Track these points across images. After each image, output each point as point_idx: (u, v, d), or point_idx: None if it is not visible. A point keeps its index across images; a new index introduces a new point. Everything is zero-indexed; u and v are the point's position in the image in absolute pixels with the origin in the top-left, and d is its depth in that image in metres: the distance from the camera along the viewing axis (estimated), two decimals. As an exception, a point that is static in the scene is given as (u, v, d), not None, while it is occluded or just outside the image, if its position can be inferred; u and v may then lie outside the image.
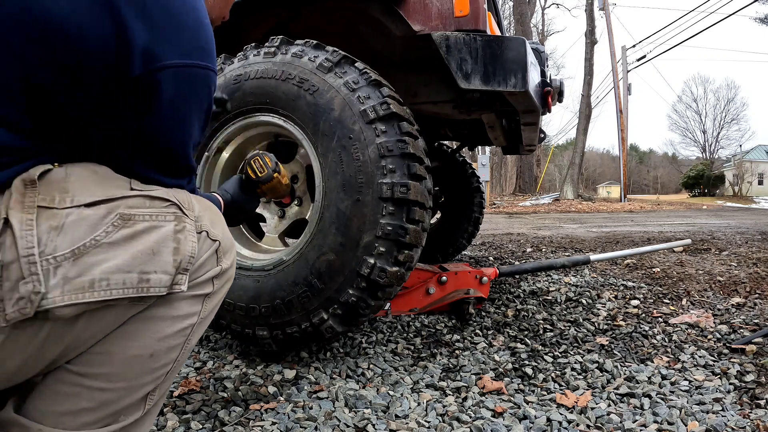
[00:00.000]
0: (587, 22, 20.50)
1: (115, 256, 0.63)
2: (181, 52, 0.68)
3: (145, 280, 0.65)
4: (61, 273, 0.59)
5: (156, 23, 0.66)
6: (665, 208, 13.58)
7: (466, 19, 1.56)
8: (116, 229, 0.64)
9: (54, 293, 0.59)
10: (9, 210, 0.59)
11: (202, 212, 0.75)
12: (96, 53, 0.63)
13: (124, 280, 0.63)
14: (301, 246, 1.43)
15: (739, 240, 4.59)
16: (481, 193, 3.46)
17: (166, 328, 0.70)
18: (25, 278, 0.57)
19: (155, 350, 0.70)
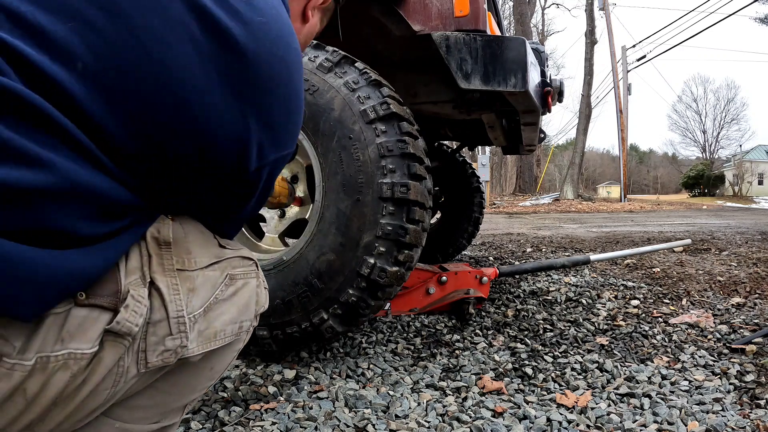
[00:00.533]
0: (587, 22, 20.51)
1: (228, 311, 0.74)
2: (282, 146, 0.76)
3: (240, 327, 0.77)
4: (197, 328, 0.70)
5: (273, 123, 0.72)
6: (665, 208, 13.58)
7: (466, 19, 1.56)
8: (227, 287, 0.75)
9: (192, 345, 0.69)
10: (153, 274, 0.65)
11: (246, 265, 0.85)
12: (227, 153, 0.69)
13: (232, 329, 0.75)
14: (301, 246, 1.43)
15: (739, 240, 4.59)
16: (481, 193, 3.46)
17: (227, 352, 0.80)
18: (173, 335, 0.66)
19: (215, 364, 0.79)
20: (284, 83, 0.72)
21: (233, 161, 0.69)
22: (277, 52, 0.69)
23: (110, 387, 0.64)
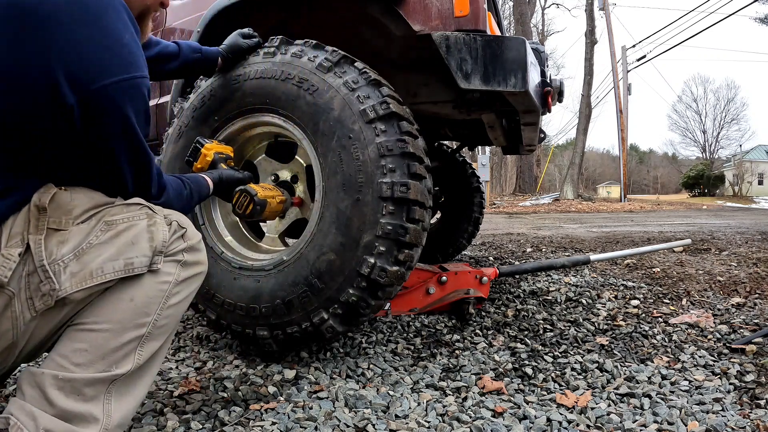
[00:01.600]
0: (587, 22, 20.50)
1: (105, 252, 0.85)
2: (105, 72, 0.83)
3: (130, 264, 0.86)
4: (69, 271, 0.83)
5: (81, 54, 0.81)
6: (665, 208, 13.57)
7: (466, 19, 1.56)
8: (104, 232, 0.87)
9: (65, 286, 0.82)
10: (29, 235, 0.83)
11: (173, 214, 0.98)
12: (36, 92, 0.80)
13: (113, 266, 0.85)
14: (301, 246, 1.43)
15: (739, 240, 4.59)
16: (481, 193, 3.46)
17: (145, 280, 0.89)
18: (43, 281, 0.81)
19: (135, 295, 0.87)
20: (87, 18, 0.82)
21: (47, 100, 0.79)
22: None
23: (11, 329, 0.81)
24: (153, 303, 0.90)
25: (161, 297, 0.91)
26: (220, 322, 1.54)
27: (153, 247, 0.89)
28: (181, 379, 1.40)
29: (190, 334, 1.85)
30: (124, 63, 0.86)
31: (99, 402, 0.84)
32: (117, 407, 0.87)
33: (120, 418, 0.87)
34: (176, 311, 0.95)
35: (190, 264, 0.97)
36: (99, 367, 0.84)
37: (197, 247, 0.99)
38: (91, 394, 0.84)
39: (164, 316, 0.92)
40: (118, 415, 0.86)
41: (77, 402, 0.82)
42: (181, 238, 0.96)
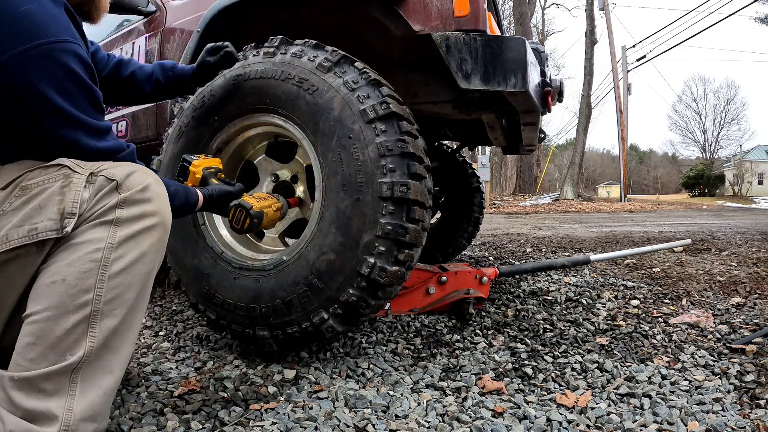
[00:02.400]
0: (587, 22, 20.49)
1: (12, 219, 0.82)
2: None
3: (34, 229, 0.81)
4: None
5: None
6: (665, 208, 13.57)
7: (466, 19, 1.56)
8: (17, 198, 0.83)
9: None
10: None
11: (107, 165, 0.89)
12: None
13: (17, 232, 0.81)
14: (301, 246, 1.43)
15: (739, 240, 4.59)
16: (481, 193, 3.46)
17: (71, 254, 0.82)
18: None
19: (66, 275, 0.81)
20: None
21: None
22: None
23: None
24: (88, 277, 0.81)
25: (96, 268, 0.82)
26: (220, 322, 1.54)
27: (60, 210, 0.82)
28: (181, 379, 1.40)
29: (190, 334, 1.85)
30: (24, 33, 0.83)
31: (62, 396, 0.79)
32: (80, 400, 0.80)
33: (83, 411, 0.81)
34: (127, 279, 0.85)
35: (130, 220, 0.86)
36: (51, 358, 0.79)
37: (138, 196, 0.87)
38: (51, 388, 0.79)
39: (111, 288, 0.83)
40: (80, 408, 0.80)
41: (39, 400, 0.78)
42: (114, 191, 0.86)
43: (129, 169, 0.89)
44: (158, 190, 0.91)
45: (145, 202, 0.88)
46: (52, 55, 0.84)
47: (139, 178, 0.89)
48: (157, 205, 0.90)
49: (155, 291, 2.63)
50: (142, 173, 0.91)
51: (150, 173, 0.94)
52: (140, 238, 0.87)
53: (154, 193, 0.90)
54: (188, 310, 2.19)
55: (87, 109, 0.92)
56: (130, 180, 0.87)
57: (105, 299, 0.82)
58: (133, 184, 0.87)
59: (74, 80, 0.88)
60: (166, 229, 0.92)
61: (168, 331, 1.92)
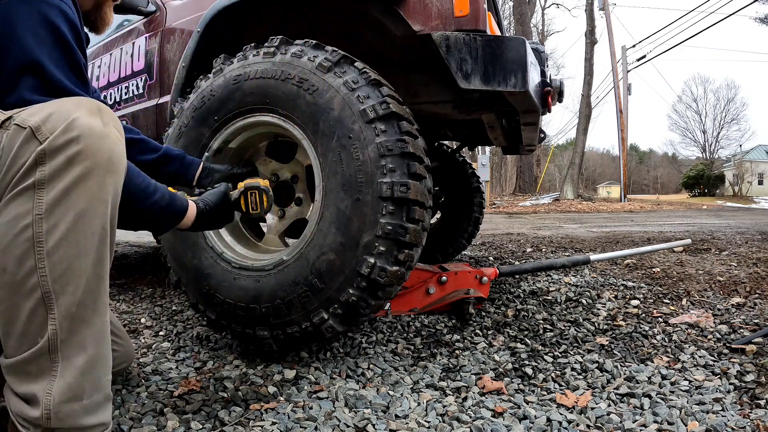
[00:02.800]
0: (587, 22, 20.49)
1: None
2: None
3: None
4: None
5: None
6: (665, 208, 13.57)
7: (466, 19, 1.56)
8: None
9: None
10: None
11: (32, 110, 0.73)
12: None
13: None
14: (301, 246, 1.43)
15: (739, 240, 4.59)
16: (481, 193, 3.46)
17: (2, 238, 0.70)
18: None
19: (5, 263, 0.71)
20: None
21: None
22: None
23: None
24: (26, 259, 0.71)
25: (30, 248, 0.71)
26: (220, 322, 1.54)
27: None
28: (181, 379, 1.40)
29: (190, 334, 1.85)
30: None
31: (45, 378, 0.75)
32: (59, 381, 0.75)
33: (62, 393, 0.75)
34: (71, 248, 0.73)
35: (55, 175, 0.70)
36: (26, 343, 0.74)
37: (60, 140, 0.71)
38: (35, 371, 0.75)
39: (55, 265, 0.72)
40: (58, 390, 0.75)
41: (27, 383, 0.76)
42: (31, 141, 0.70)
43: (54, 107, 0.73)
44: (87, 123, 0.73)
45: (70, 143, 0.71)
46: (37, 5, 0.82)
47: (62, 115, 0.72)
48: (87, 141, 0.72)
49: (155, 291, 2.63)
50: (71, 106, 0.73)
51: (84, 104, 0.75)
52: (73, 194, 0.72)
53: (83, 129, 0.72)
54: (188, 310, 2.19)
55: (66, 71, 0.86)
56: (50, 121, 0.71)
57: (52, 278, 0.73)
58: (55, 124, 0.71)
59: (56, 37, 0.84)
60: (106, 168, 0.74)
61: (168, 331, 1.92)
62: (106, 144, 0.74)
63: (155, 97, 2.24)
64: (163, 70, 2.19)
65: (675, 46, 24.99)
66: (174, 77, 1.95)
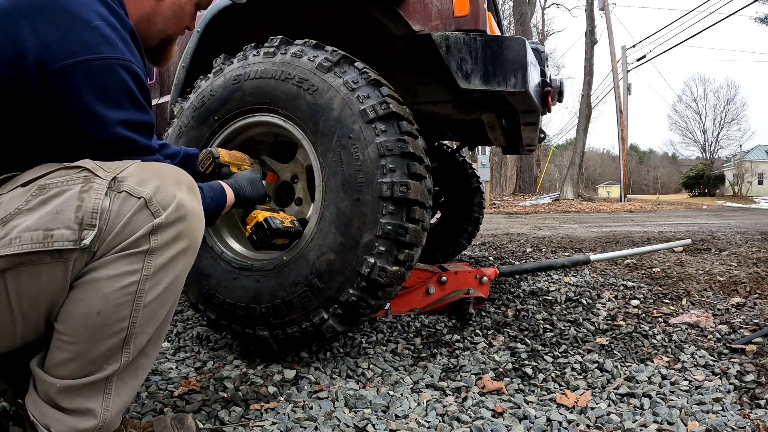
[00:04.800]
0: (587, 22, 20.50)
1: (28, 219, 0.77)
2: (66, 55, 0.82)
3: (50, 236, 0.77)
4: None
5: (47, 40, 0.82)
6: (665, 208, 13.57)
7: (466, 19, 1.56)
8: (34, 197, 0.79)
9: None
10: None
11: (131, 174, 0.83)
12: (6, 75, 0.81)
13: (31, 236, 0.76)
14: (301, 246, 1.43)
15: (739, 240, 4.59)
16: (481, 193, 3.46)
17: (105, 287, 0.80)
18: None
19: (101, 308, 0.80)
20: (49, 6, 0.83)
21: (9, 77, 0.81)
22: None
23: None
24: (123, 308, 0.82)
25: (131, 300, 0.82)
26: (220, 322, 1.54)
27: (79, 219, 0.77)
28: (181, 379, 1.40)
29: (190, 334, 1.85)
30: (91, 43, 0.84)
31: (99, 397, 0.85)
32: (116, 400, 0.87)
33: (118, 409, 0.88)
34: (161, 302, 0.86)
35: (165, 246, 0.83)
36: (89, 369, 0.84)
37: (173, 217, 0.83)
38: (90, 392, 0.85)
39: (146, 314, 0.84)
40: (116, 407, 0.88)
41: (80, 401, 0.85)
42: (143, 211, 0.81)
43: (156, 180, 0.83)
44: (190, 204, 0.86)
45: (179, 221, 0.84)
46: (113, 69, 0.86)
47: (169, 192, 0.83)
48: (191, 223, 0.86)
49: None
50: (171, 183, 0.85)
51: (178, 178, 0.88)
52: (174, 262, 0.85)
53: (188, 210, 0.86)
54: (188, 310, 2.19)
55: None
56: (159, 194, 0.82)
57: (140, 323, 0.84)
58: (165, 201, 0.82)
59: (127, 95, 0.88)
60: (198, 245, 0.90)
61: (168, 331, 1.92)
62: (201, 224, 0.90)
63: (155, 97, 2.24)
64: (163, 70, 2.19)
65: (675, 46, 25.01)
66: (174, 77, 1.95)
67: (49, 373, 0.84)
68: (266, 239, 1.34)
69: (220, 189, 1.19)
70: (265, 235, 1.33)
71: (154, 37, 1.11)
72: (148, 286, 0.83)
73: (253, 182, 1.34)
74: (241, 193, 1.27)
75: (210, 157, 1.35)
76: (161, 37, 1.12)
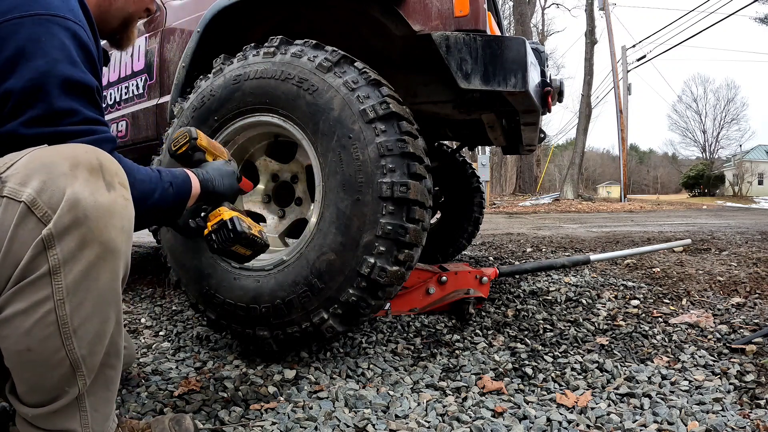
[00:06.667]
0: (587, 22, 20.49)
1: None
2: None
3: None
4: None
5: None
6: (665, 208, 13.57)
7: (466, 19, 1.56)
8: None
9: None
10: None
11: (17, 170, 0.67)
12: None
13: None
14: (301, 246, 1.43)
15: (739, 240, 4.58)
16: (481, 193, 3.46)
17: (22, 323, 0.69)
18: None
19: (29, 345, 0.71)
20: None
21: None
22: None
23: None
24: (51, 340, 0.71)
25: (56, 329, 0.71)
26: (220, 322, 1.54)
27: None
28: (181, 379, 1.40)
29: (190, 334, 1.85)
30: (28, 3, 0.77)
31: (76, 416, 0.80)
32: (95, 415, 0.82)
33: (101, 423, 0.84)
34: (96, 320, 0.75)
35: (72, 258, 0.68)
36: (52, 395, 0.78)
37: (67, 220, 0.66)
38: (66, 414, 0.80)
39: (84, 336, 0.74)
40: (98, 422, 0.83)
41: (59, 422, 0.80)
42: (30, 219, 0.65)
43: (42, 171, 0.66)
44: (90, 196, 0.68)
45: (78, 224, 0.68)
46: (48, 25, 0.78)
47: (58, 185, 0.66)
48: (96, 222, 0.69)
49: (155, 291, 2.63)
50: (61, 172, 0.67)
51: (74, 161, 0.69)
52: (93, 274, 0.71)
53: (86, 205, 0.68)
54: (188, 310, 2.19)
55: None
56: (46, 194, 0.65)
57: (80, 347, 0.74)
58: (53, 199, 0.66)
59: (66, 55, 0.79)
60: (118, 246, 0.73)
61: (168, 331, 1.92)
62: (113, 219, 0.71)
63: (155, 97, 2.24)
64: (163, 70, 2.19)
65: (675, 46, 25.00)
66: (174, 77, 1.95)
67: (21, 401, 0.79)
68: (227, 242, 1.12)
69: (183, 176, 1.03)
70: (227, 237, 1.11)
71: (116, 17, 1.07)
72: (69, 310, 0.71)
73: (224, 175, 1.17)
74: (209, 185, 1.09)
75: (186, 136, 1.17)
76: (122, 17, 1.09)
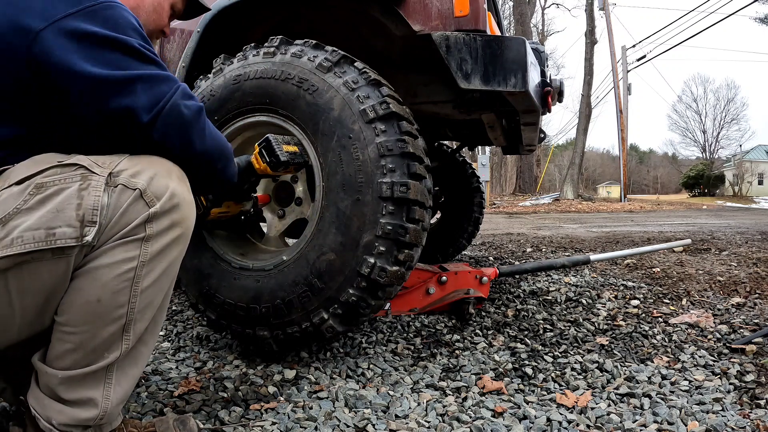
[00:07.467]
0: (587, 22, 20.50)
1: (29, 218, 0.79)
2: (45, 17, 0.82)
3: (52, 234, 0.79)
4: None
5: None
6: (665, 208, 13.58)
7: (466, 19, 1.56)
8: (32, 196, 0.80)
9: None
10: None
11: (125, 167, 0.86)
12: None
13: (33, 235, 0.78)
14: (301, 246, 1.43)
15: (739, 240, 4.58)
16: (481, 193, 3.46)
17: (104, 275, 0.83)
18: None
19: (101, 295, 0.83)
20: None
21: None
22: None
23: None
24: (122, 294, 0.85)
25: (129, 286, 0.85)
26: (220, 322, 1.54)
27: (80, 217, 0.80)
28: (181, 379, 1.40)
29: (190, 334, 1.85)
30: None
31: (100, 386, 0.88)
32: (117, 389, 0.90)
33: (119, 399, 0.91)
34: (157, 288, 0.89)
35: (160, 233, 0.86)
36: (91, 358, 0.86)
37: (167, 206, 0.86)
38: (92, 382, 0.87)
39: (143, 300, 0.87)
40: (117, 396, 0.90)
41: (81, 391, 0.87)
42: (139, 202, 0.84)
43: (149, 170, 0.86)
44: (182, 193, 0.89)
45: (173, 210, 0.87)
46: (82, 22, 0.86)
47: (162, 182, 0.86)
48: (185, 211, 0.90)
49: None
50: (163, 174, 0.88)
51: (169, 169, 0.90)
52: (169, 249, 0.88)
53: (181, 199, 0.89)
54: (188, 310, 2.19)
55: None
56: (153, 186, 0.85)
57: (138, 309, 0.87)
58: (159, 191, 0.86)
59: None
60: (190, 233, 0.93)
61: (168, 331, 1.92)
62: (193, 212, 0.93)
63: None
64: (163, 70, 2.19)
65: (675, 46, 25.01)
66: (174, 77, 1.94)
67: (51, 366, 0.86)
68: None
69: (246, 160, 1.26)
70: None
71: None
72: (144, 272, 0.86)
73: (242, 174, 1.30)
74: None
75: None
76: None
